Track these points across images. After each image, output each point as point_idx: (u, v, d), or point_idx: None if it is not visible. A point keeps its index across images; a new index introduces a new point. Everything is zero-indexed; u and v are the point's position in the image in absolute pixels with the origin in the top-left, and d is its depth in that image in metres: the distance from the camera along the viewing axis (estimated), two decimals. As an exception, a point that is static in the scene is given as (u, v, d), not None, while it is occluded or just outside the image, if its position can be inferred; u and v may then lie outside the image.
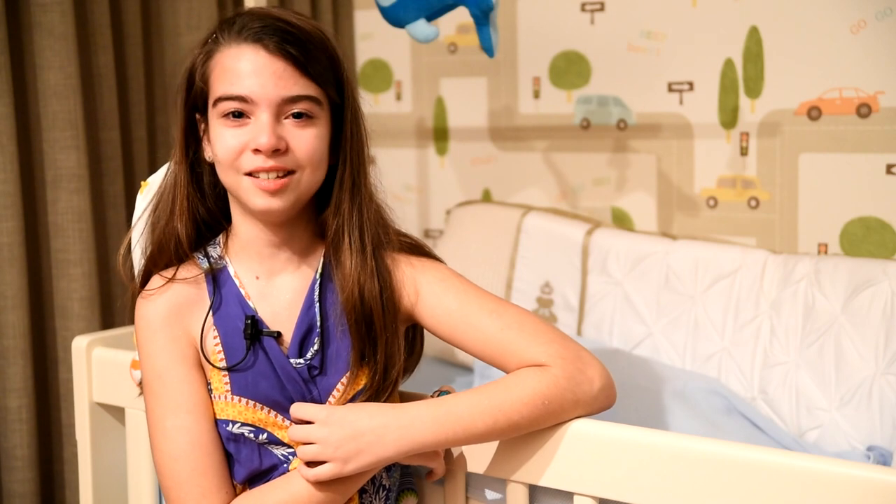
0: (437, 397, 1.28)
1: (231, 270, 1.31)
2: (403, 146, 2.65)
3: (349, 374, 1.28)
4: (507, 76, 2.47)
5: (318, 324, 1.29)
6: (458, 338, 1.31)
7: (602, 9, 2.31)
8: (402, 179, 2.65)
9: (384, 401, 1.29)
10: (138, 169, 2.22)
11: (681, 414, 1.78)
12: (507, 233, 2.28)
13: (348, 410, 1.23)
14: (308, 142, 1.24)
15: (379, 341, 1.28)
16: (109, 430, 1.75)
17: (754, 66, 2.12)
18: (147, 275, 1.33)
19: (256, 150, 1.21)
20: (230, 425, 1.27)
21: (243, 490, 1.29)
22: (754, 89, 2.13)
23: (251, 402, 1.27)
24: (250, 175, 1.23)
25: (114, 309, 2.14)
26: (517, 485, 1.32)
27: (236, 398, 1.27)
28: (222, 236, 1.34)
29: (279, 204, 1.24)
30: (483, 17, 1.64)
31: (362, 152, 1.30)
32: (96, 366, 1.72)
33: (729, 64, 2.15)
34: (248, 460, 1.28)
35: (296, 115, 1.23)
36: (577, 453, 1.26)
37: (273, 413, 1.27)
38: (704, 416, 1.80)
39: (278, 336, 1.29)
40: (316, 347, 1.29)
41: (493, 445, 1.31)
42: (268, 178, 1.23)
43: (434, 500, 1.42)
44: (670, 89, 2.24)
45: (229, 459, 1.29)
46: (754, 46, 2.11)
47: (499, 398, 1.23)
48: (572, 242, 2.19)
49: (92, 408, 1.73)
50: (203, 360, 1.29)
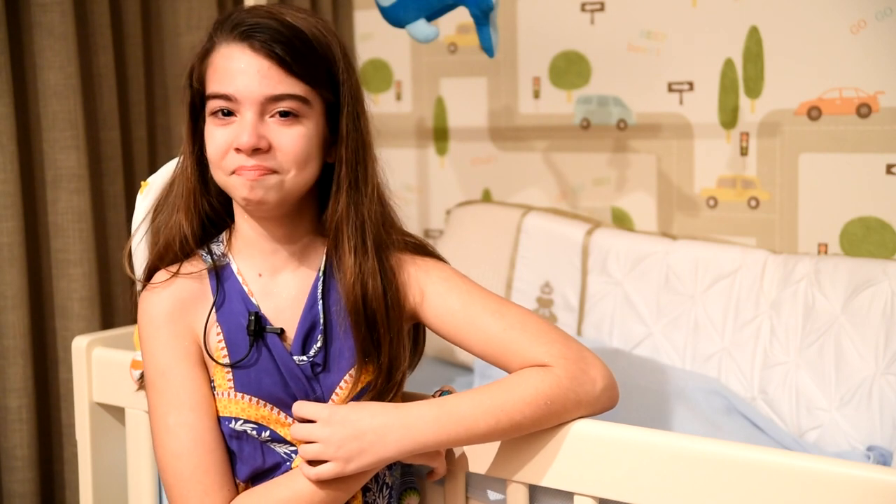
0: (438, 397, 1.28)
1: (234, 267, 1.32)
2: (403, 146, 2.65)
3: (352, 371, 1.28)
4: (507, 76, 2.47)
5: (322, 321, 1.29)
6: (461, 338, 1.31)
7: (602, 9, 2.31)
8: (402, 179, 2.65)
9: (390, 400, 1.29)
10: (138, 169, 2.22)
11: (681, 414, 1.78)
12: (507, 233, 2.28)
13: (350, 410, 1.23)
14: (292, 141, 1.23)
15: (383, 341, 1.28)
16: (109, 430, 1.75)
17: (754, 66, 2.12)
18: (152, 271, 1.33)
19: (238, 149, 1.21)
20: (233, 422, 1.27)
21: (245, 489, 1.29)
22: (754, 89, 2.13)
23: (254, 399, 1.27)
24: (235, 173, 1.23)
25: (114, 309, 2.14)
26: (517, 485, 1.32)
27: (239, 395, 1.27)
28: (225, 234, 1.35)
29: (260, 195, 1.22)
30: (483, 17, 1.64)
31: (361, 151, 1.29)
32: (96, 366, 1.72)
33: (729, 64, 2.15)
34: (250, 458, 1.28)
35: (281, 114, 1.22)
36: (577, 453, 1.26)
37: (276, 410, 1.28)
38: (704, 416, 1.80)
39: (281, 333, 1.29)
40: (319, 345, 1.29)
41: (494, 445, 1.31)
42: (252, 171, 1.22)
43: (434, 500, 1.42)
44: (670, 89, 2.24)
45: (231, 457, 1.29)
46: (754, 46, 2.11)
47: (501, 398, 1.23)
48: (572, 242, 2.19)
49: (92, 408, 1.73)
50: (206, 356, 1.29)
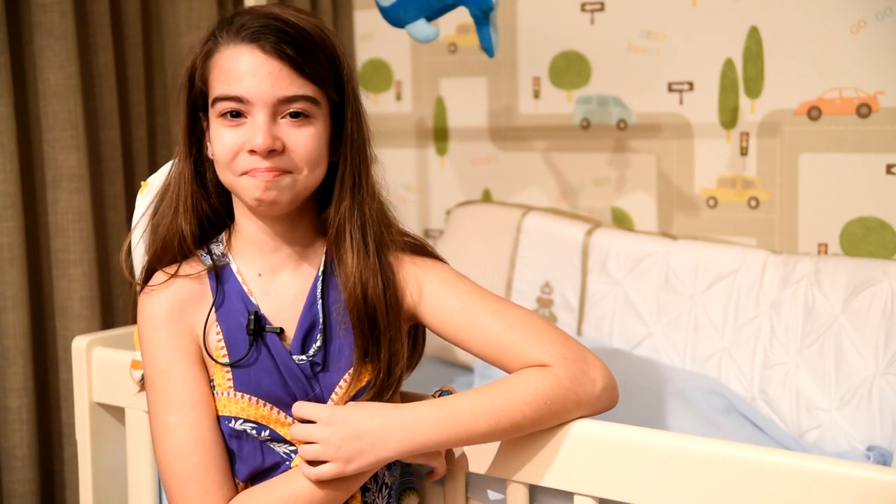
0: (438, 397, 1.28)
1: (234, 267, 1.32)
2: (403, 146, 2.65)
3: (352, 371, 1.29)
4: (507, 76, 2.47)
5: (321, 320, 1.30)
6: (461, 338, 1.31)
7: (602, 9, 2.32)
8: (402, 179, 2.65)
9: (388, 399, 1.29)
10: (138, 169, 2.22)
11: (681, 414, 1.78)
12: (507, 233, 2.28)
13: (350, 410, 1.23)
14: (305, 141, 1.24)
15: (382, 339, 1.28)
16: (109, 430, 1.75)
17: (754, 66, 2.12)
18: (150, 272, 1.33)
19: (252, 151, 1.22)
20: (233, 422, 1.27)
21: (245, 489, 1.29)
22: (754, 89, 2.13)
23: (254, 399, 1.27)
24: (246, 174, 1.23)
25: (114, 309, 2.14)
26: (517, 485, 1.32)
27: (239, 394, 1.27)
28: (225, 234, 1.35)
29: (274, 195, 1.23)
30: (483, 17, 1.64)
31: (363, 150, 1.30)
32: (96, 366, 1.72)
33: (729, 64, 2.15)
34: (250, 457, 1.28)
35: (292, 115, 1.23)
36: (577, 453, 1.26)
37: (276, 410, 1.28)
38: (704, 416, 1.80)
39: (281, 332, 1.29)
40: (318, 344, 1.29)
41: (494, 445, 1.31)
42: (265, 172, 1.22)
43: (434, 500, 1.42)
44: (670, 89, 2.24)
45: (231, 457, 1.29)
46: (754, 46, 2.11)
47: (501, 398, 1.23)
48: (572, 242, 2.19)
49: (92, 408, 1.73)
50: (206, 355, 1.29)
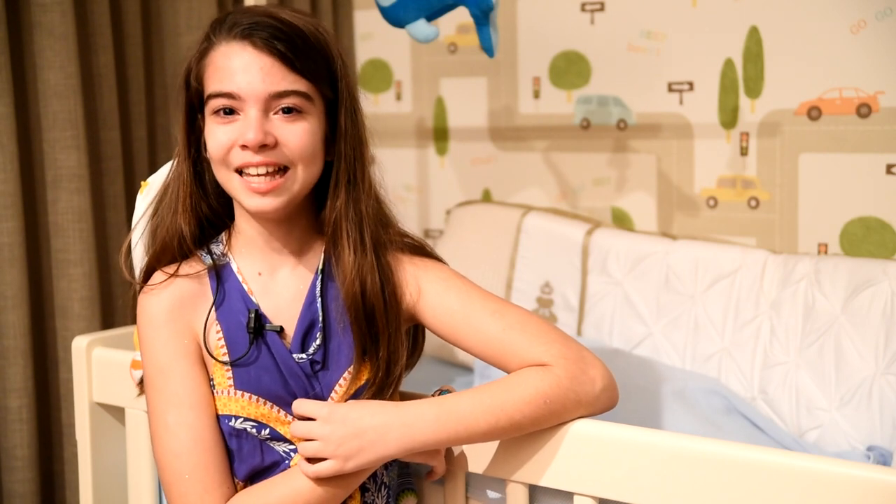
0: (438, 396, 1.28)
1: (234, 266, 1.32)
2: (403, 146, 2.65)
3: (352, 369, 1.29)
4: (507, 76, 2.47)
5: (321, 319, 1.30)
6: (460, 338, 1.31)
7: (602, 9, 2.31)
8: (402, 179, 2.65)
9: (387, 397, 1.29)
10: (138, 169, 2.22)
11: (681, 414, 1.78)
12: (507, 233, 2.28)
13: (350, 408, 1.23)
14: (297, 136, 1.24)
15: (381, 337, 1.28)
16: (109, 430, 1.75)
17: (754, 66, 2.12)
18: (150, 272, 1.33)
19: (244, 146, 1.22)
20: (233, 420, 1.27)
21: (244, 488, 1.29)
22: (754, 89, 2.13)
23: (254, 397, 1.27)
24: (240, 172, 1.24)
25: (114, 309, 2.14)
26: (517, 485, 1.32)
27: (239, 393, 1.27)
28: (225, 234, 1.35)
29: (272, 204, 1.24)
30: (483, 17, 1.64)
31: (358, 148, 1.30)
32: (96, 366, 1.72)
33: (729, 64, 2.15)
34: (249, 456, 1.28)
35: (285, 111, 1.23)
36: (577, 453, 1.26)
37: (276, 408, 1.28)
38: (704, 416, 1.79)
39: (281, 331, 1.29)
40: (318, 342, 1.29)
41: (494, 445, 1.31)
42: (259, 178, 1.23)
43: (434, 499, 1.42)
44: (670, 89, 2.24)
45: (230, 456, 1.29)
46: (754, 46, 2.11)
47: (501, 397, 1.23)
48: (572, 242, 2.19)
49: (92, 408, 1.73)
50: (206, 354, 1.29)
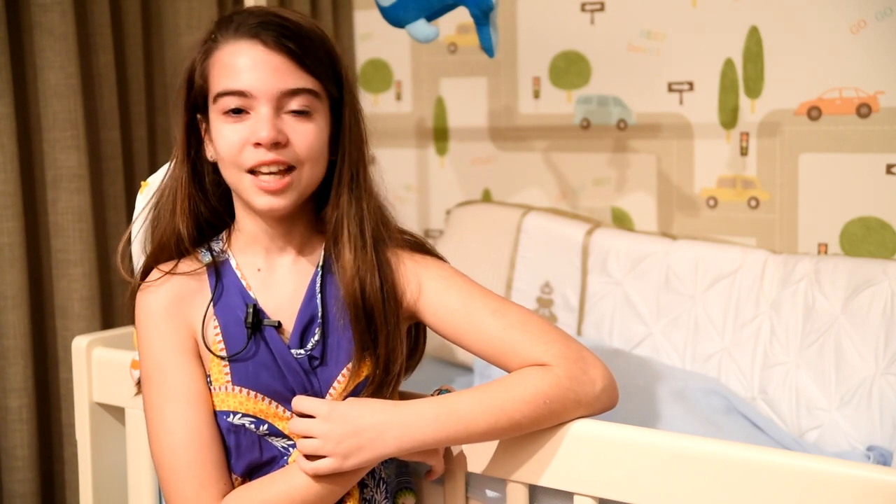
0: (437, 396, 1.28)
1: (233, 263, 1.33)
2: (403, 146, 2.65)
3: (350, 365, 1.29)
4: (507, 76, 2.47)
5: (320, 315, 1.30)
6: (461, 336, 1.31)
7: (602, 9, 2.31)
8: (402, 179, 2.65)
9: (387, 396, 1.29)
10: (138, 169, 2.22)
11: (681, 414, 1.78)
12: (507, 233, 2.28)
13: (350, 406, 1.23)
14: (307, 136, 1.25)
15: (380, 335, 1.28)
16: (109, 430, 1.75)
17: (754, 66, 2.12)
18: (147, 270, 1.34)
19: (257, 144, 1.22)
20: (231, 416, 1.27)
21: (242, 483, 1.29)
22: (754, 89, 2.13)
23: (252, 393, 1.27)
24: (252, 172, 1.24)
25: (114, 309, 2.14)
26: (517, 485, 1.32)
27: (237, 388, 1.27)
28: (225, 232, 1.36)
29: (282, 203, 1.25)
30: (483, 17, 1.64)
31: (361, 148, 1.32)
32: (96, 366, 1.72)
33: (729, 64, 2.15)
34: (248, 451, 1.28)
35: (295, 112, 1.24)
36: (577, 453, 1.26)
37: (274, 404, 1.28)
38: (704, 416, 1.79)
39: (279, 326, 1.29)
40: (317, 338, 1.29)
41: (494, 445, 1.31)
42: (269, 176, 1.23)
43: (434, 499, 1.42)
44: (670, 89, 2.24)
45: (228, 452, 1.29)
46: (754, 46, 2.11)
47: (500, 397, 1.23)
48: (572, 242, 2.19)
49: (92, 408, 1.73)
50: (204, 349, 1.29)
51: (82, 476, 1.74)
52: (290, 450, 1.29)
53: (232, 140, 1.24)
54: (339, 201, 1.30)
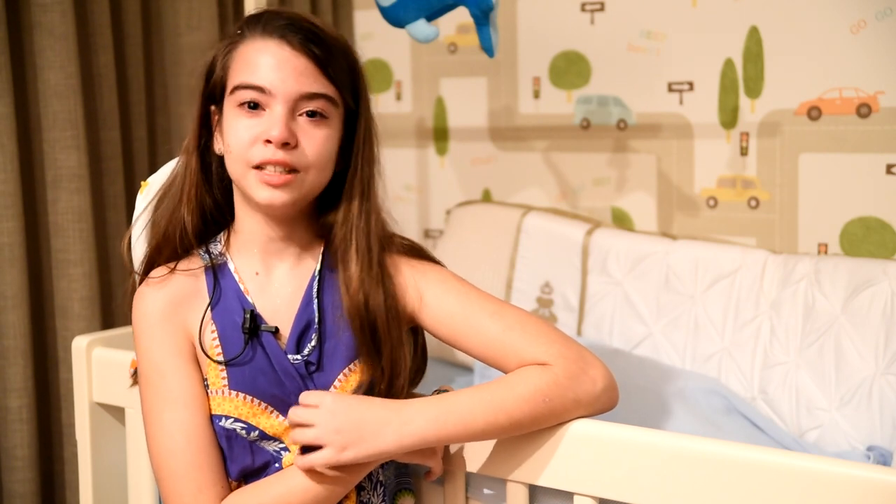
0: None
1: (231, 266, 1.32)
2: (403, 146, 2.65)
3: (346, 370, 1.29)
4: (507, 76, 2.47)
5: (317, 320, 1.30)
6: (460, 340, 1.31)
7: (602, 9, 2.31)
8: (402, 179, 2.65)
9: None
10: (138, 169, 2.22)
11: (681, 414, 1.78)
12: (507, 233, 2.28)
13: (352, 399, 1.24)
14: (319, 141, 1.25)
15: (384, 349, 1.29)
16: (109, 430, 1.75)
17: (754, 66, 2.12)
18: (150, 264, 1.34)
19: (267, 141, 1.23)
20: (223, 420, 1.27)
21: (238, 488, 1.29)
22: (754, 89, 2.13)
23: (248, 397, 1.27)
24: (258, 168, 1.24)
25: (114, 309, 2.14)
26: (517, 484, 1.31)
27: (234, 393, 1.27)
28: (224, 234, 1.36)
29: (282, 198, 1.25)
30: (483, 17, 1.64)
31: (373, 161, 1.32)
32: (96, 366, 1.72)
33: (729, 64, 2.15)
34: (240, 457, 1.28)
35: (310, 114, 1.25)
36: (576, 453, 1.26)
37: (270, 409, 1.28)
38: (704, 416, 1.79)
39: (276, 332, 1.29)
40: (313, 343, 1.29)
41: (493, 445, 1.31)
42: (273, 171, 1.23)
43: (434, 500, 1.42)
44: (670, 89, 2.24)
45: (223, 456, 1.29)
46: (754, 46, 2.11)
47: (500, 395, 1.23)
48: (572, 242, 2.19)
49: (92, 408, 1.73)
50: (201, 353, 1.29)
51: (82, 476, 1.74)
52: (283, 453, 1.29)
53: (243, 135, 1.24)
54: (349, 214, 1.30)
